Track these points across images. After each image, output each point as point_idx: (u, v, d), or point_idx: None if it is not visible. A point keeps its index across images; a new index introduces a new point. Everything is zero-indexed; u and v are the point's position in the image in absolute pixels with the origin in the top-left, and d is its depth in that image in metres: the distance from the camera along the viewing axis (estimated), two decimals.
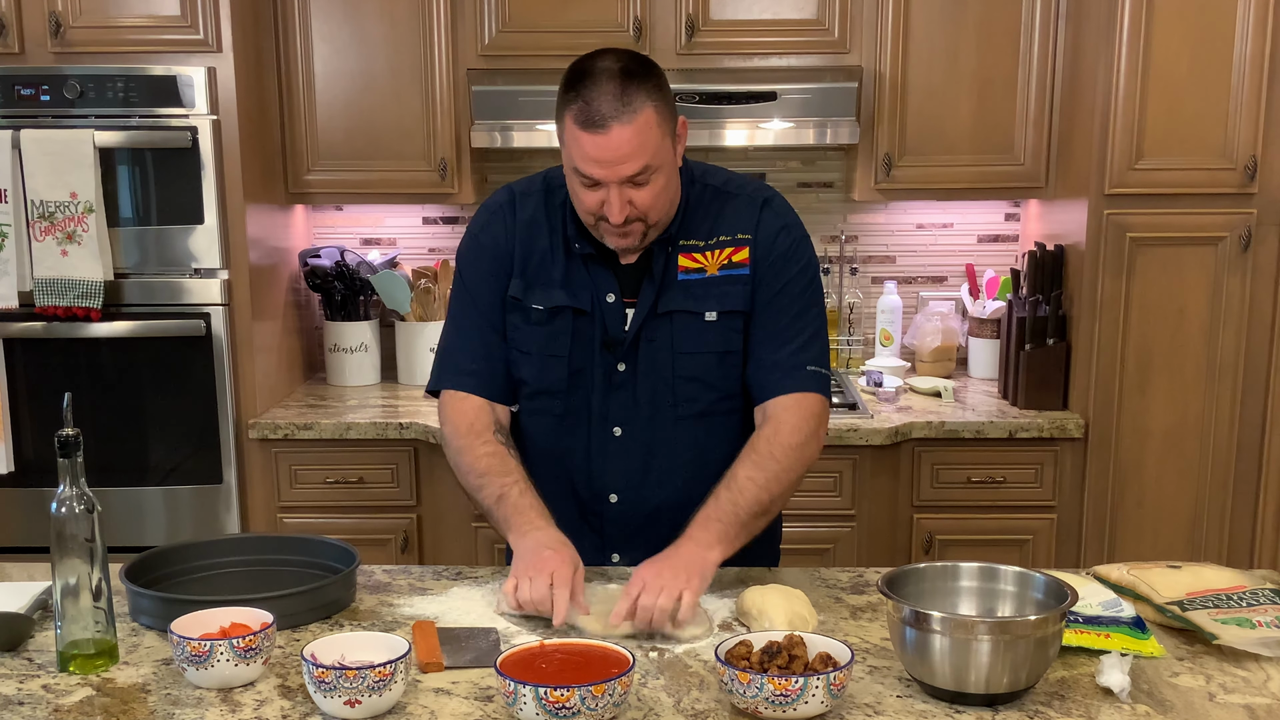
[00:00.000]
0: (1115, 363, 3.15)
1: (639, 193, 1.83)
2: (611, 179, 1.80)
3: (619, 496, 2.00)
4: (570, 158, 1.83)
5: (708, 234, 1.95)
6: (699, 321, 1.94)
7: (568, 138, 1.83)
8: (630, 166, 1.80)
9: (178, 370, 3.17)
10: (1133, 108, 3.03)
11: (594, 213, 1.86)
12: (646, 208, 1.84)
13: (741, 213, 1.97)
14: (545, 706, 1.38)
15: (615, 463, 1.99)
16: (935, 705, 1.50)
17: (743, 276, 1.94)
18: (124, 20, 3.08)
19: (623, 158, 1.79)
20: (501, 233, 2.00)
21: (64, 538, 1.59)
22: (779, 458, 1.90)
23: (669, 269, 1.94)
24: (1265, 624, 1.66)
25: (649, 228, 1.88)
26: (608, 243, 1.90)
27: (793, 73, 3.31)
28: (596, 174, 1.81)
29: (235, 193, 3.13)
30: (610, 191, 1.82)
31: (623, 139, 1.78)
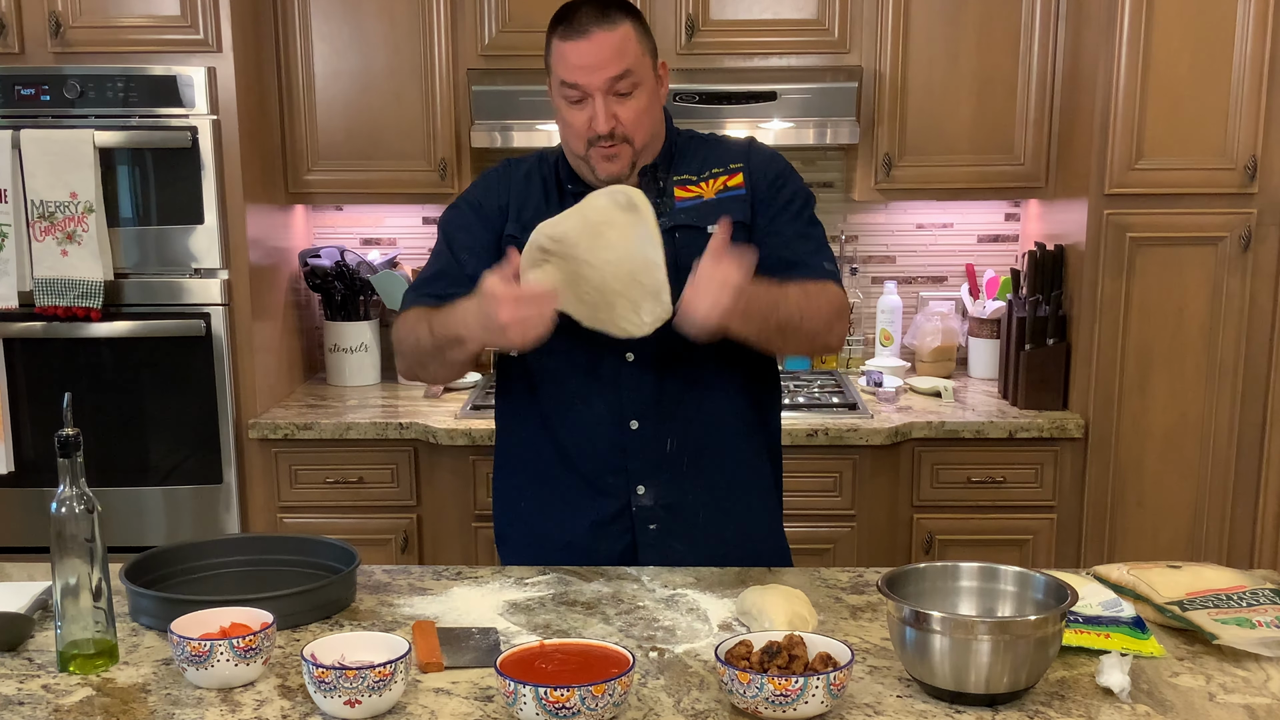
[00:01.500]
0: (1115, 363, 3.15)
1: (623, 106, 1.91)
2: (595, 84, 1.89)
3: (639, 422, 2.01)
4: (557, 77, 1.94)
5: (699, 169, 2.03)
6: (702, 236, 1.97)
7: (554, 58, 1.94)
8: (612, 69, 1.89)
9: (178, 370, 3.17)
10: (1133, 108, 3.03)
11: (583, 135, 1.93)
12: (631, 124, 1.92)
13: (730, 149, 2.08)
14: (545, 706, 1.38)
15: (631, 389, 2.00)
16: (935, 705, 1.50)
17: (740, 196, 2.02)
18: (124, 20, 3.08)
19: (605, 61, 1.89)
20: (493, 188, 2.08)
21: (64, 538, 1.59)
22: (822, 306, 1.95)
23: (665, 197, 2.01)
24: (1265, 624, 1.66)
25: (635, 152, 1.96)
26: (597, 170, 1.96)
27: (793, 73, 3.31)
28: (580, 79, 1.90)
29: (235, 193, 3.13)
30: (595, 101, 1.90)
31: (604, 43, 1.89)
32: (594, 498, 2.04)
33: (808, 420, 3.13)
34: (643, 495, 2.03)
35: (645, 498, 2.03)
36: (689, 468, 2.03)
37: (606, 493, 2.03)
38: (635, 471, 2.02)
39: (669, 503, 2.03)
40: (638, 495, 2.03)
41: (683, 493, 2.03)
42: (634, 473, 2.02)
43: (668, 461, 2.02)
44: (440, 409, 3.31)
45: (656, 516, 2.03)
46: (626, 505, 2.03)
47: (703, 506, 2.04)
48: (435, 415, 3.24)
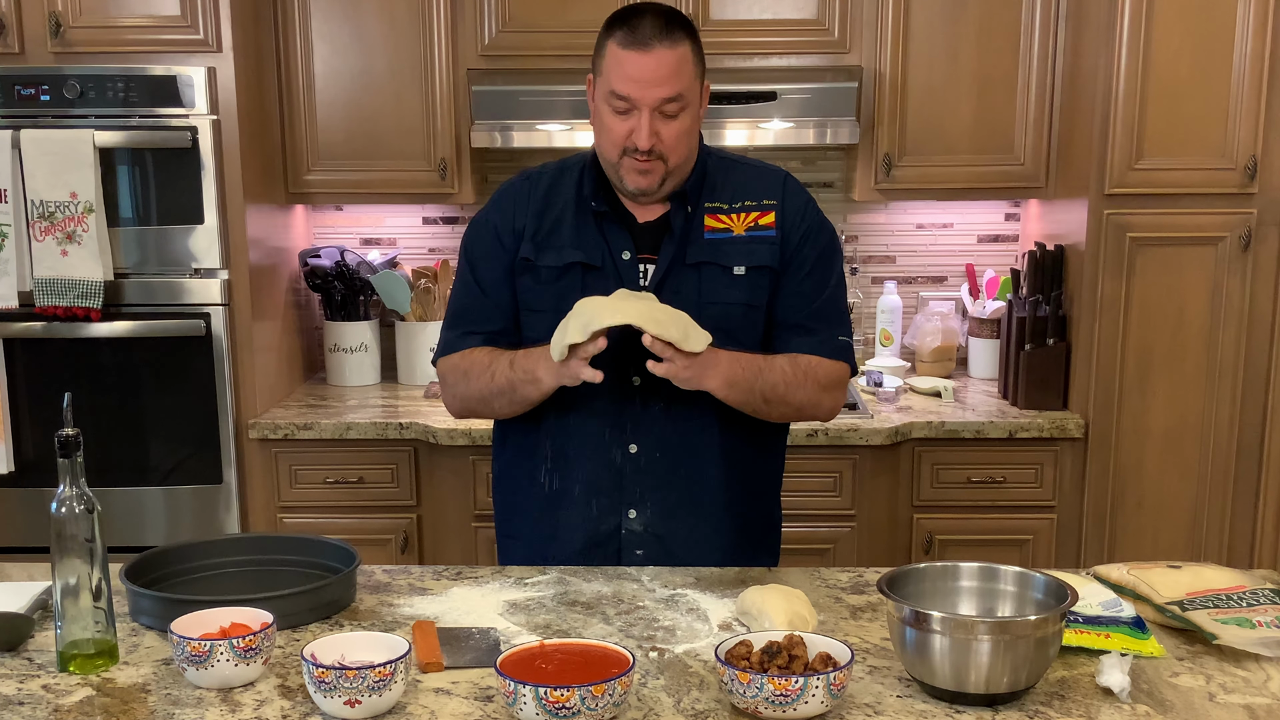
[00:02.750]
0: (1115, 363, 3.15)
1: (667, 126, 1.91)
2: (646, 100, 1.89)
3: (638, 446, 2.01)
4: (607, 82, 1.92)
5: (731, 198, 2.02)
6: (727, 275, 1.99)
7: (608, 63, 1.92)
8: (666, 89, 1.89)
9: (178, 370, 3.17)
10: (1133, 108, 3.03)
11: (620, 144, 1.93)
12: (671, 144, 1.92)
13: (765, 180, 2.06)
14: (545, 706, 1.38)
15: (634, 412, 2.00)
16: (935, 705, 1.50)
17: (769, 238, 2.01)
18: (124, 20, 3.08)
19: (661, 79, 1.89)
20: (510, 207, 2.06)
21: (64, 538, 1.59)
22: (808, 379, 1.98)
23: (693, 226, 2.00)
24: (1265, 624, 1.66)
25: (668, 172, 1.95)
26: (626, 181, 1.95)
27: (793, 73, 3.31)
28: (634, 93, 1.89)
29: (235, 193, 3.13)
30: (642, 115, 1.89)
31: (663, 60, 1.89)
32: (586, 518, 2.04)
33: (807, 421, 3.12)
34: (633, 519, 2.03)
35: (635, 522, 2.03)
36: (682, 498, 2.02)
37: (599, 513, 2.03)
38: (629, 495, 2.02)
39: (658, 532, 2.03)
40: (628, 519, 2.03)
41: (673, 523, 2.03)
42: (627, 496, 2.02)
43: (662, 489, 2.02)
44: (440, 409, 3.31)
45: (644, 543, 2.03)
46: (616, 529, 2.03)
47: (691, 539, 2.03)
48: (435, 415, 3.24)
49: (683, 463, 2.02)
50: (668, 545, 2.03)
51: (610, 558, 2.04)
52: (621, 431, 2.01)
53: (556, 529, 2.06)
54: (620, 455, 2.01)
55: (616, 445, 2.01)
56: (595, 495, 2.03)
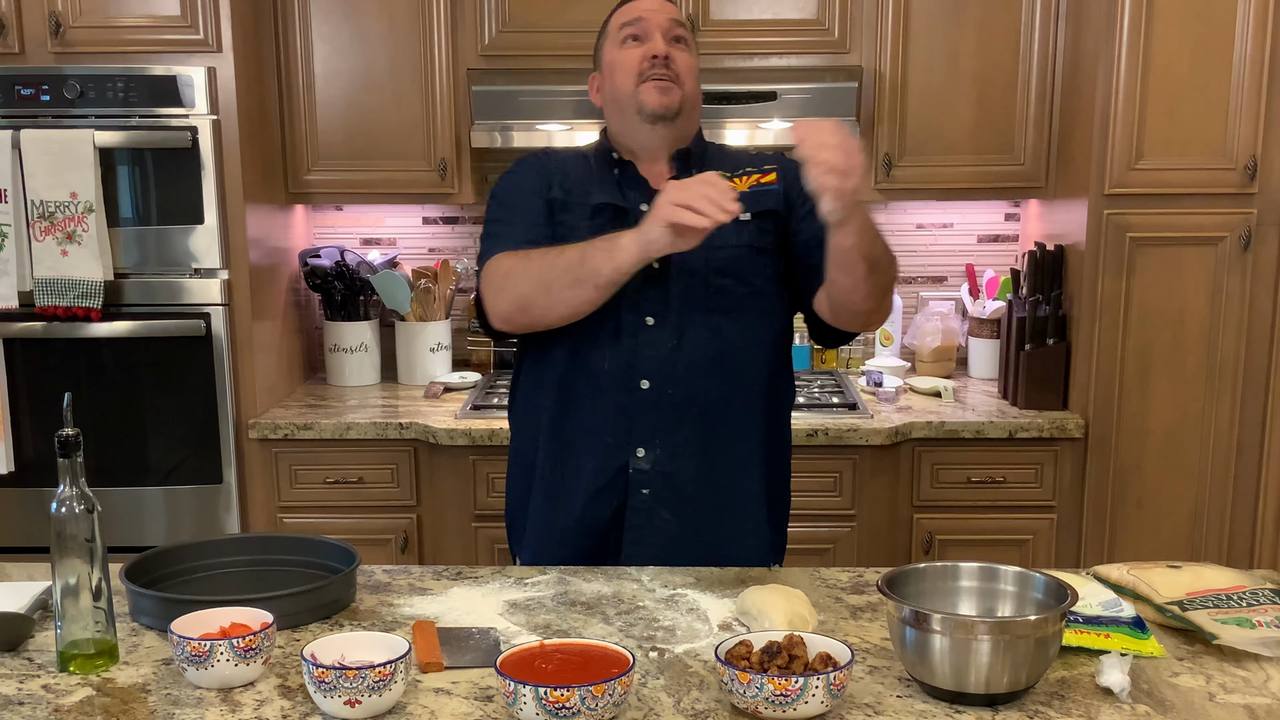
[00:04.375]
0: (1115, 363, 3.15)
1: (677, 52, 2.04)
2: (657, 20, 2.04)
3: (650, 383, 2.02)
4: (616, 26, 2.08)
5: (731, 167, 2.06)
6: (735, 223, 1.96)
7: (615, 17, 2.09)
8: (670, 11, 2.07)
9: (178, 370, 3.17)
10: (1133, 108, 3.03)
11: (635, 69, 2.03)
12: (684, 71, 2.04)
13: (763, 156, 2.18)
14: (545, 706, 1.38)
15: (646, 350, 2.02)
16: (935, 705, 1.50)
17: (773, 189, 2.07)
18: (124, 20, 3.08)
19: (666, 8, 2.08)
20: (535, 165, 2.13)
21: (64, 538, 1.59)
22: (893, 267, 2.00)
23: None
24: (1265, 624, 1.66)
25: (683, 99, 2.04)
26: (647, 103, 2.02)
27: (793, 73, 3.31)
28: (644, 15, 2.04)
29: (235, 193, 3.13)
30: (654, 35, 2.03)
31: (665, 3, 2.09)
32: (596, 455, 2.05)
33: (808, 420, 3.13)
34: (641, 459, 2.04)
35: (643, 461, 2.04)
36: (690, 438, 2.04)
37: (607, 452, 2.04)
38: (637, 433, 2.03)
39: (664, 470, 2.04)
40: (636, 458, 2.04)
41: (679, 462, 2.04)
42: (636, 435, 2.03)
43: (670, 428, 2.03)
44: (440, 409, 3.31)
45: (649, 482, 2.04)
46: (624, 467, 2.04)
47: (696, 479, 2.05)
48: (435, 415, 3.24)
49: (691, 403, 2.03)
50: (673, 483, 2.04)
51: (617, 495, 2.04)
52: (633, 368, 2.02)
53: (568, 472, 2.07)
54: (631, 392, 2.02)
55: (628, 383, 2.02)
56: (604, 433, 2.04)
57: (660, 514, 2.05)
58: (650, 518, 2.05)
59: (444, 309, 3.65)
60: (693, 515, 2.06)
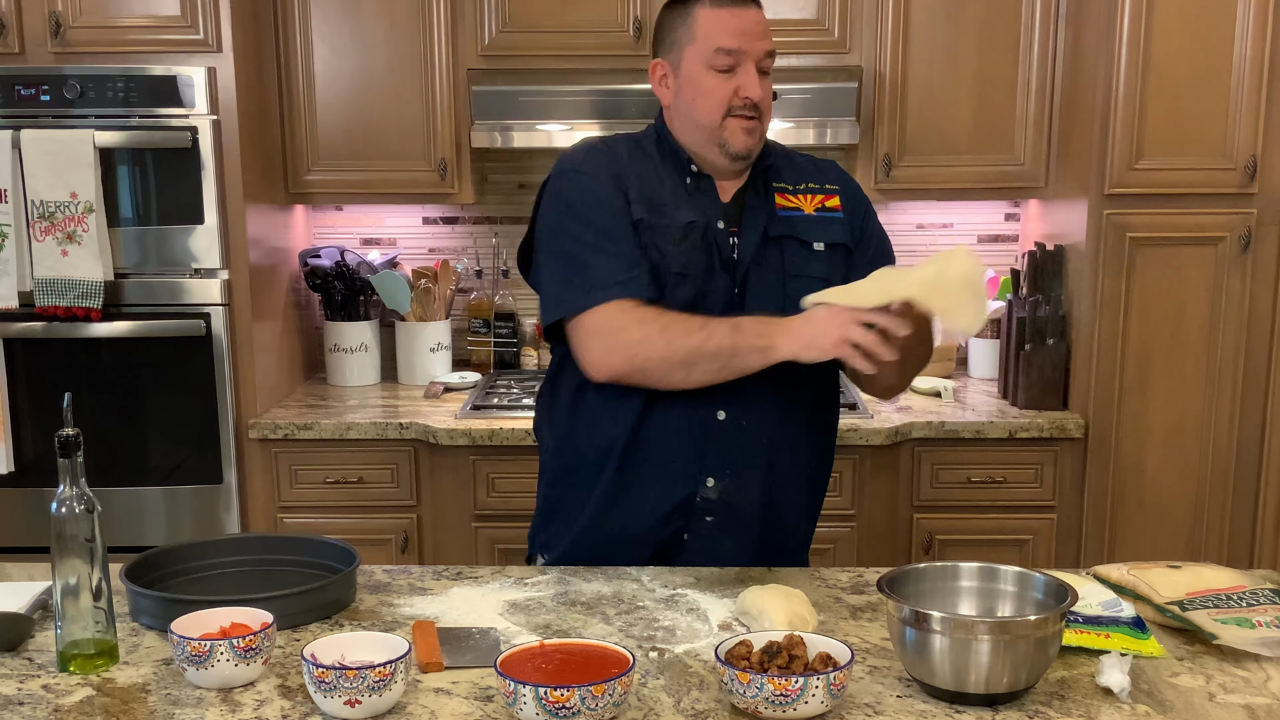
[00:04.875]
0: (1115, 363, 3.15)
1: (763, 84, 1.97)
2: (755, 51, 1.94)
3: (726, 414, 1.99)
4: (708, 42, 1.94)
5: (794, 180, 2.05)
6: (807, 250, 2.01)
7: (704, 25, 1.94)
8: (767, 43, 1.96)
9: (178, 370, 3.17)
10: (1133, 108, 3.03)
11: (724, 103, 1.95)
12: (767, 104, 1.98)
13: (822, 167, 2.13)
14: (545, 706, 1.38)
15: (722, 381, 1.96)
16: (935, 705, 1.50)
17: (838, 219, 2.06)
18: (124, 20, 3.08)
19: (762, 32, 1.96)
20: (605, 163, 2.01)
21: (64, 538, 1.59)
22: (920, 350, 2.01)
23: (768, 202, 2.02)
24: (1265, 624, 1.66)
25: (764, 134, 2.00)
26: (732, 143, 1.96)
27: (792, 73, 3.31)
28: (743, 44, 1.93)
29: (235, 193, 3.13)
30: (749, 68, 1.94)
31: (759, 15, 1.98)
32: (664, 485, 2.02)
33: None
34: (710, 488, 2.02)
35: (711, 491, 2.02)
36: (756, 468, 2.02)
37: (676, 481, 2.01)
38: (709, 463, 2.01)
39: (730, 501, 2.02)
40: (705, 487, 2.02)
41: (745, 492, 2.02)
42: (708, 464, 2.01)
43: (741, 458, 2.01)
44: (440, 409, 3.31)
45: (715, 510, 2.03)
46: (692, 494, 2.02)
47: (760, 509, 2.04)
48: (435, 415, 3.24)
49: (764, 433, 2.01)
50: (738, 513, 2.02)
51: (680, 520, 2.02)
52: (712, 397, 1.96)
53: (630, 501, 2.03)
54: (708, 421, 1.99)
55: (705, 411, 1.98)
56: (675, 462, 2.00)
57: (722, 541, 2.03)
58: (711, 544, 2.03)
59: (444, 309, 3.65)
60: (750, 542, 2.05)
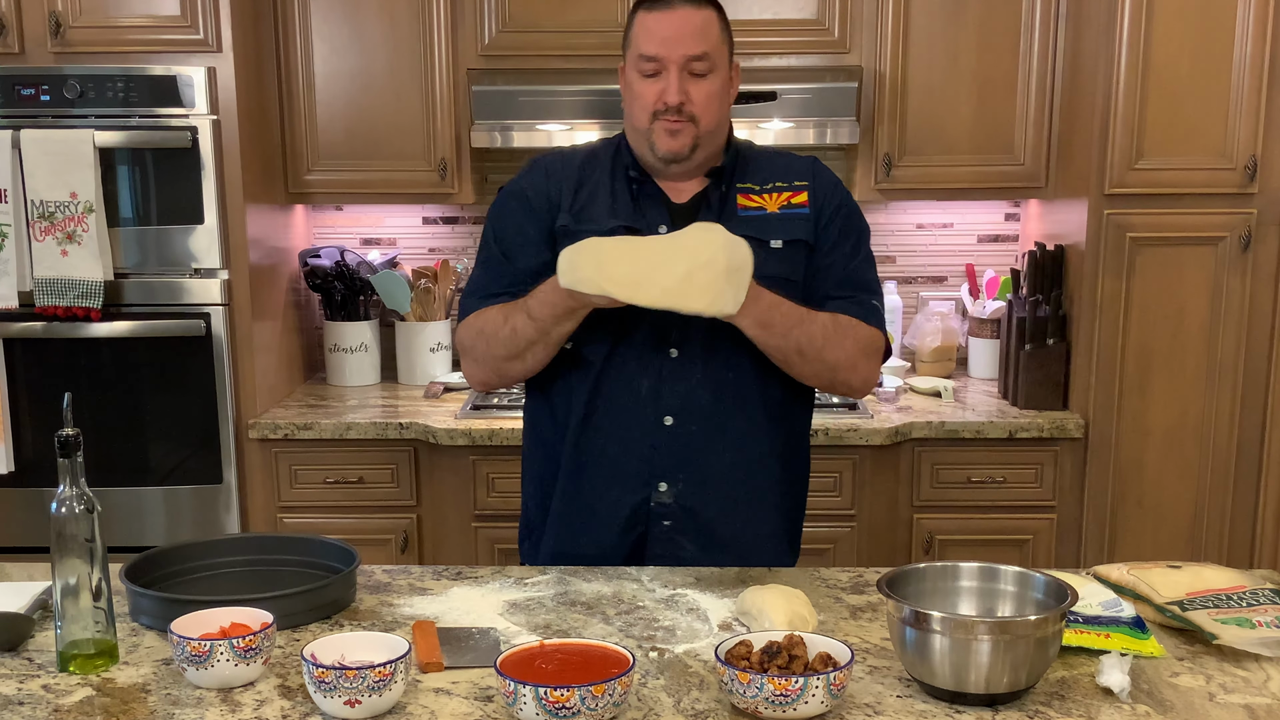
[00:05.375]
0: (1115, 363, 3.15)
1: (696, 86, 1.94)
2: (673, 57, 1.93)
3: (674, 419, 2.00)
4: (635, 49, 1.96)
5: (762, 180, 2.04)
6: (764, 249, 1.98)
7: (635, 31, 1.97)
8: (692, 46, 1.93)
9: (178, 370, 3.17)
10: (1133, 108, 3.03)
11: (650, 108, 1.95)
12: (700, 104, 1.94)
13: (794, 165, 2.08)
14: (545, 706, 1.38)
15: (671, 384, 2.00)
16: (935, 705, 1.50)
17: (804, 215, 2.02)
18: (124, 20, 3.08)
19: (686, 36, 1.93)
20: (543, 176, 2.06)
21: (64, 538, 1.59)
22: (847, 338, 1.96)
23: (728, 204, 2.01)
24: (1265, 624, 1.66)
25: (699, 136, 1.96)
26: (658, 145, 1.96)
27: (793, 73, 3.31)
28: (660, 51, 1.93)
29: (235, 193, 3.13)
30: (670, 74, 1.93)
31: (688, 18, 1.94)
32: (617, 490, 2.03)
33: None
34: (663, 493, 2.02)
35: (665, 495, 2.02)
36: (712, 472, 2.02)
37: (629, 486, 2.03)
38: (660, 468, 2.02)
39: (687, 504, 2.03)
40: (658, 492, 2.02)
41: (702, 497, 2.03)
42: (659, 469, 2.02)
43: (694, 463, 2.01)
44: (440, 409, 3.31)
45: (672, 514, 2.03)
46: (646, 500, 2.03)
47: (718, 513, 2.04)
48: (435, 415, 3.24)
49: (715, 438, 2.01)
50: (695, 517, 2.03)
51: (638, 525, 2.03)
52: (658, 403, 1.99)
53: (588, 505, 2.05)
54: (656, 427, 2.00)
55: (652, 417, 2.00)
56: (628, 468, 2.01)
57: (682, 545, 2.04)
58: (673, 548, 2.04)
59: (444, 309, 3.65)
60: (714, 544, 2.05)
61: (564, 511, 2.08)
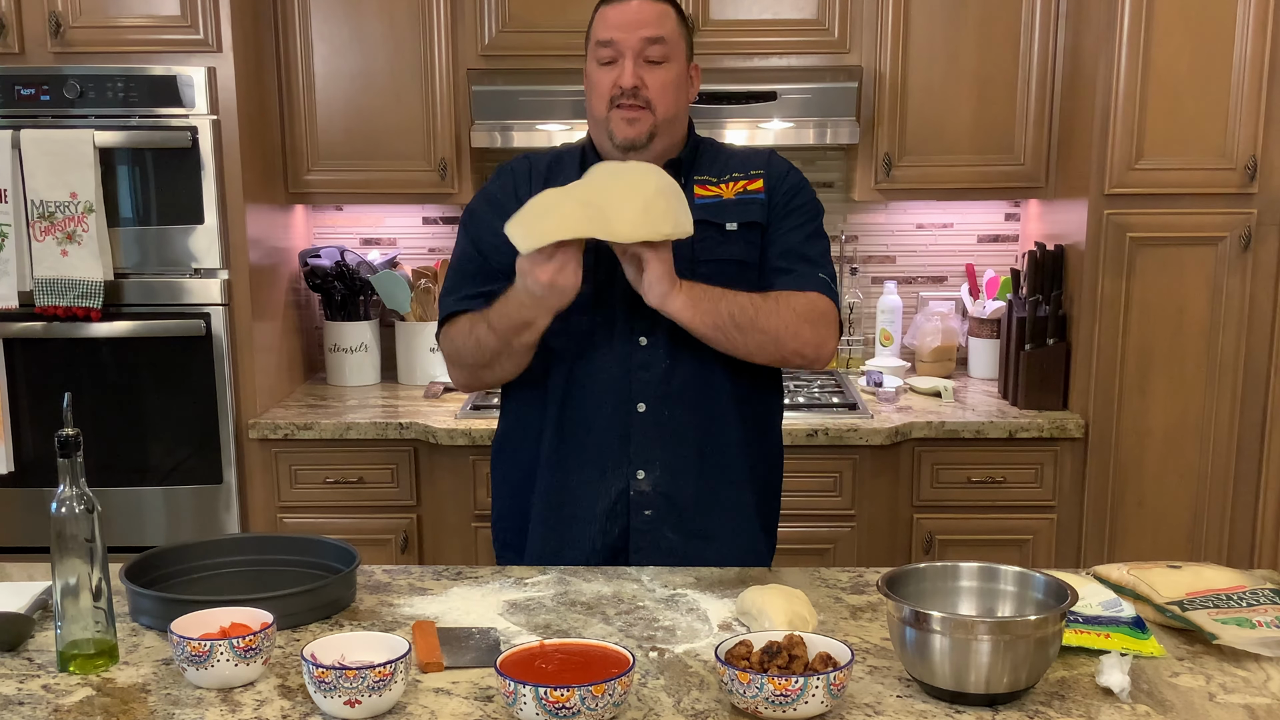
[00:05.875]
0: (1115, 363, 3.15)
1: (651, 73, 1.98)
2: (629, 42, 1.96)
3: (646, 405, 2.03)
4: (593, 36, 2.02)
5: (719, 173, 2.07)
6: (719, 232, 2.02)
7: (594, 25, 2.02)
8: (648, 30, 1.97)
9: (178, 370, 3.17)
10: (1133, 108, 3.03)
11: (607, 94, 1.99)
12: (657, 92, 1.98)
13: (750, 158, 2.12)
14: (545, 706, 1.38)
15: (641, 372, 2.03)
16: (935, 705, 1.50)
17: (759, 199, 2.05)
18: (124, 20, 3.08)
19: (642, 23, 1.98)
20: (511, 180, 2.11)
21: (64, 538, 1.59)
22: (780, 306, 1.96)
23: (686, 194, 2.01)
24: (1265, 624, 1.66)
25: (656, 124, 1.99)
26: (615, 133, 2.00)
27: (793, 73, 3.31)
28: (615, 35, 1.97)
29: (235, 193, 3.13)
30: (626, 60, 1.97)
31: (644, 6, 1.99)
32: (596, 480, 2.05)
33: (808, 420, 3.13)
34: (641, 480, 2.04)
35: (644, 483, 2.04)
36: (687, 457, 2.04)
37: (607, 476, 2.04)
38: (636, 456, 2.04)
39: (665, 490, 2.04)
40: (636, 480, 2.04)
41: (678, 482, 2.05)
42: (635, 457, 2.04)
43: (669, 448, 2.04)
44: (440, 409, 3.31)
45: (652, 502, 2.05)
46: (625, 489, 2.04)
47: (695, 497, 2.06)
48: (435, 415, 3.24)
49: (688, 423, 2.04)
50: (674, 502, 2.04)
51: (620, 516, 2.05)
52: (629, 390, 2.02)
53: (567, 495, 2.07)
54: (629, 415, 2.03)
55: (624, 405, 2.03)
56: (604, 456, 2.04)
57: (665, 534, 2.05)
58: (655, 539, 2.06)
59: None
60: (694, 533, 2.06)
61: (546, 512, 2.09)
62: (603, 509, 2.05)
